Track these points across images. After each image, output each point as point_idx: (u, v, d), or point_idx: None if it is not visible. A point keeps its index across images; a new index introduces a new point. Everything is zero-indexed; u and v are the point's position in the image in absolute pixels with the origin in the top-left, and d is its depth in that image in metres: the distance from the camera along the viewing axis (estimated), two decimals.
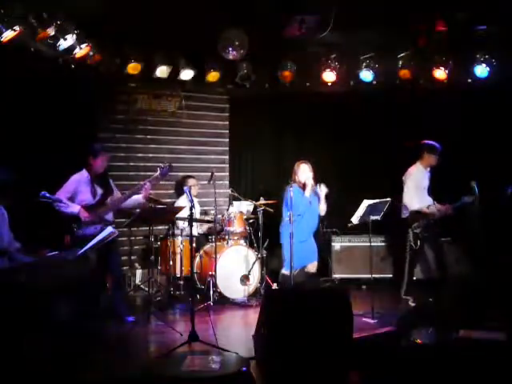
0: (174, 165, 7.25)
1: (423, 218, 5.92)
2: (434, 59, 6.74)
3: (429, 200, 6.04)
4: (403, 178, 6.12)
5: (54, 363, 3.81)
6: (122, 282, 5.71)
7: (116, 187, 5.59)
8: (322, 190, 5.80)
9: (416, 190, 5.99)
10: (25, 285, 3.95)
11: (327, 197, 5.86)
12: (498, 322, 4.15)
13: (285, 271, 5.76)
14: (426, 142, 6.12)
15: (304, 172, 5.84)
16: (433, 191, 6.20)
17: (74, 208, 5.07)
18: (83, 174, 5.30)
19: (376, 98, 7.33)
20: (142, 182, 5.39)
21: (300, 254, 5.58)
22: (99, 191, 5.33)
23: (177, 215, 5.98)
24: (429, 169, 6.16)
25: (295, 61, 6.91)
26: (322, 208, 5.87)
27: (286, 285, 5.64)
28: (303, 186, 5.81)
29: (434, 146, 6.08)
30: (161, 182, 7.16)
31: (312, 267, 5.81)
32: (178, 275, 6.37)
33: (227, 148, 7.83)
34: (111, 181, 5.56)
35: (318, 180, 5.91)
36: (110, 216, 5.34)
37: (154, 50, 6.60)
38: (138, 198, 5.37)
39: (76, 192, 5.19)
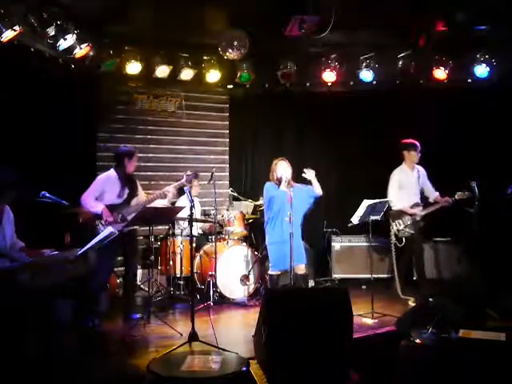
0: (174, 165, 7.41)
1: (406, 217, 5.93)
2: (434, 59, 6.76)
3: (413, 200, 6.02)
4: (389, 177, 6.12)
5: (53, 363, 3.81)
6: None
7: (141, 188, 5.60)
8: (310, 172, 5.37)
9: (399, 190, 6.00)
10: (25, 285, 3.95)
11: (317, 178, 5.42)
12: (498, 322, 4.16)
13: (270, 272, 5.47)
14: (403, 141, 6.12)
15: (282, 169, 5.38)
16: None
17: (98, 208, 5.12)
18: (111, 174, 5.32)
19: (376, 98, 7.33)
20: (167, 188, 5.42)
21: (281, 256, 5.23)
22: (126, 191, 5.34)
23: (177, 215, 5.97)
24: (416, 169, 6.11)
25: (295, 61, 6.92)
26: (318, 190, 5.42)
27: (272, 286, 5.40)
28: (278, 182, 5.36)
29: (410, 142, 6.08)
30: (161, 182, 7.22)
31: (299, 270, 5.33)
32: (178, 275, 6.37)
33: (227, 148, 7.83)
34: (138, 182, 5.57)
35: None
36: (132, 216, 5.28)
37: (153, 49, 6.60)
38: (160, 201, 5.40)
39: (103, 191, 5.24)
